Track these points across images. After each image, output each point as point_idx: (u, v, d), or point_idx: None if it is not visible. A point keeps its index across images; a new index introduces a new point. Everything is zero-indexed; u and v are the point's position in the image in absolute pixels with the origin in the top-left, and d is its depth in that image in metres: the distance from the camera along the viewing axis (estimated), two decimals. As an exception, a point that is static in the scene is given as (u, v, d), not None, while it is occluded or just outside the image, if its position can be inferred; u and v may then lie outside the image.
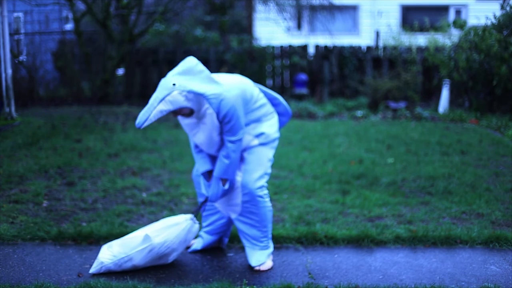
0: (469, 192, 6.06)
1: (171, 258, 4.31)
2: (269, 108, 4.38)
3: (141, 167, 7.02)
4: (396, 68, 12.57)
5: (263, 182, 4.29)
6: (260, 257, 4.32)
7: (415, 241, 4.80)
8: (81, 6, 13.52)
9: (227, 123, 4.03)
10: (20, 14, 12.33)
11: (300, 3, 14.54)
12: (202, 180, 4.44)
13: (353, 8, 17.97)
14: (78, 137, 8.58)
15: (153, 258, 4.22)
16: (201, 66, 4.04)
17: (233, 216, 4.40)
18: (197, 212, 4.44)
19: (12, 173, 6.53)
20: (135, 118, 10.51)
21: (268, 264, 4.34)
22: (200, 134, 4.16)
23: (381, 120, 10.56)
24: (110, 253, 4.19)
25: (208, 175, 4.35)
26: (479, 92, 10.87)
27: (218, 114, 4.01)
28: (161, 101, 3.90)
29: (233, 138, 4.08)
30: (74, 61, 13.18)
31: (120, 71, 13.57)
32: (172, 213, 5.42)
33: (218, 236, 4.59)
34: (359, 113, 11.01)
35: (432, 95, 12.41)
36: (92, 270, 4.18)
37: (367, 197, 5.86)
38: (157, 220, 5.24)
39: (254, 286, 4.00)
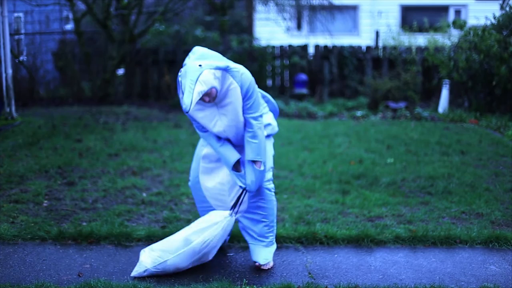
0: (469, 192, 6.07)
1: (211, 256, 4.30)
2: (263, 101, 4.46)
3: (141, 167, 7.03)
4: (396, 68, 12.58)
5: (270, 175, 4.33)
6: (268, 255, 4.32)
7: (414, 241, 4.81)
8: (81, 6, 13.52)
9: (249, 98, 4.05)
10: (21, 14, 12.34)
11: (300, 3, 14.55)
12: (232, 174, 4.23)
13: (353, 8, 17.98)
14: (78, 137, 8.59)
15: (194, 258, 4.20)
16: (212, 51, 4.12)
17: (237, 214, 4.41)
18: (236, 206, 4.30)
19: (12, 173, 6.54)
20: (135, 118, 10.53)
21: (271, 263, 4.37)
22: (222, 120, 4.12)
23: (381, 120, 10.56)
24: (152, 257, 4.15)
25: (234, 167, 4.23)
26: (479, 92, 10.87)
27: (241, 87, 4.02)
28: (196, 81, 3.83)
29: (255, 115, 4.10)
30: (74, 61, 13.18)
31: (121, 71, 13.58)
32: (172, 213, 5.43)
33: None
34: (359, 113, 11.02)
35: (432, 95, 12.42)
36: (134, 273, 4.15)
37: (367, 197, 5.87)
38: (157, 219, 5.26)
39: (254, 286, 4.01)
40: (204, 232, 4.18)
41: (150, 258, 4.16)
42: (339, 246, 4.75)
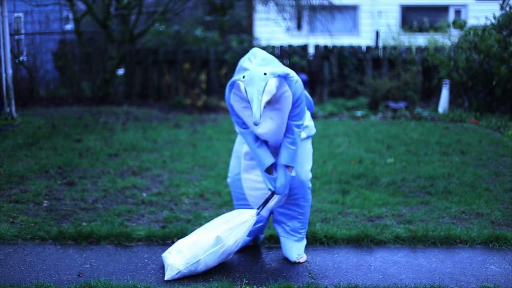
0: (469, 192, 6.07)
1: (233, 252, 4.34)
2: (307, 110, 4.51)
3: (141, 167, 7.03)
4: (396, 68, 12.58)
5: (311, 174, 4.43)
6: (300, 250, 4.44)
7: (414, 241, 4.82)
8: (81, 6, 13.53)
9: (298, 106, 4.06)
10: (21, 14, 12.34)
11: (300, 3, 14.55)
12: (263, 176, 4.25)
13: (353, 8, 17.99)
14: (78, 137, 8.59)
15: (224, 256, 4.23)
16: (270, 55, 4.12)
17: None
18: (263, 206, 4.35)
19: (12, 173, 6.54)
20: (135, 118, 10.53)
21: (304, 256, 4.46)
22: (268, 123, 4.10)
23: (381, 120, 10.56)
24: (183, 258, 4.12)
25: (267, 169, 4.25)
26: (479, 92, 10.88)
27: (293, 95, 4.02)
28: (263, 92, 3.83)
29: (299, 123, 4.13)
30: (74, 61, 13.18)
31: (120, 71, 13.58)
32: (172, 213, 5.43)
33: (254, 236, 4.64)
34: (359, 113, 11.02)
35: (432, 95, 12.42)
36: (168, 277, 4.10)
37: (367, 197, 5.87)
38: (157, 219, 5.25)
39: (254, 286, 4.01)
40: (234, 232, 4.20)
41: (181, 258, 4.12)
42: (339, 246, 4.75)
